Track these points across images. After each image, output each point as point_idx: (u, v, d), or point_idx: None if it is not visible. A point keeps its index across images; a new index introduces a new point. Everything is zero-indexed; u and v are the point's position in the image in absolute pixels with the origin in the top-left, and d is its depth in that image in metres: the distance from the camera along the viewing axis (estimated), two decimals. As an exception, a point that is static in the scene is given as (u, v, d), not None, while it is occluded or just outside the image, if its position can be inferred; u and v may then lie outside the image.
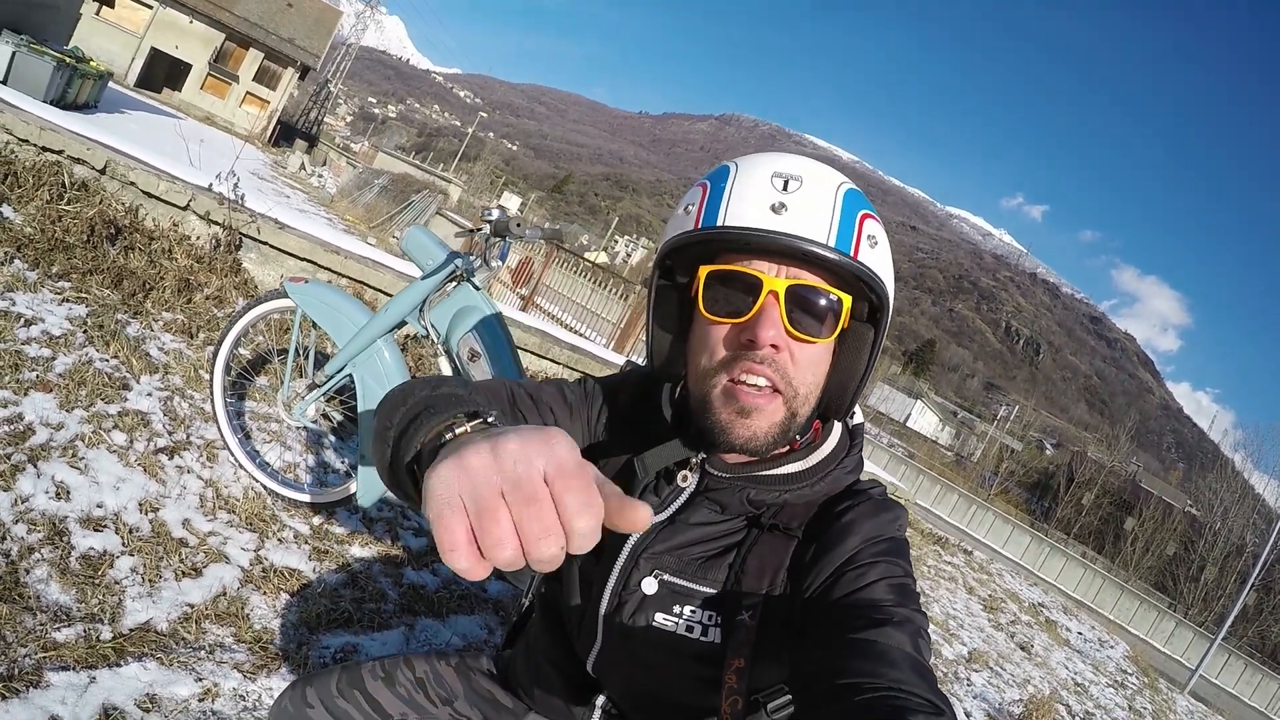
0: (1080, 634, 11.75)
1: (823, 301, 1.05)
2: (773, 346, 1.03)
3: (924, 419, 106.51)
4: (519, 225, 2.66)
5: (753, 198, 1.04)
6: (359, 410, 2.78)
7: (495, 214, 2.69)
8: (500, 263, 2.81)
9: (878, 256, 1.06)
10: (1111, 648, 12.12)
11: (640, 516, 0.62)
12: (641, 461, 1.18)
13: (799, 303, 1.04)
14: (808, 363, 1.06)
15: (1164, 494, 58.60)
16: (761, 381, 1.04)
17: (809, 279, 1.04)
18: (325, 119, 74.91)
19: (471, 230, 2.76)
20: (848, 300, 1.07)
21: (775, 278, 1.03)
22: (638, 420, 1.31)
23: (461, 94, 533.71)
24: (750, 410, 1.04)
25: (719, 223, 1.05)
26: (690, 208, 1.10)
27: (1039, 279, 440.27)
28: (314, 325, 3.01)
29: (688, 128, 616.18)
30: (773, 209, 1.02)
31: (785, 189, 1.03)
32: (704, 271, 1.08)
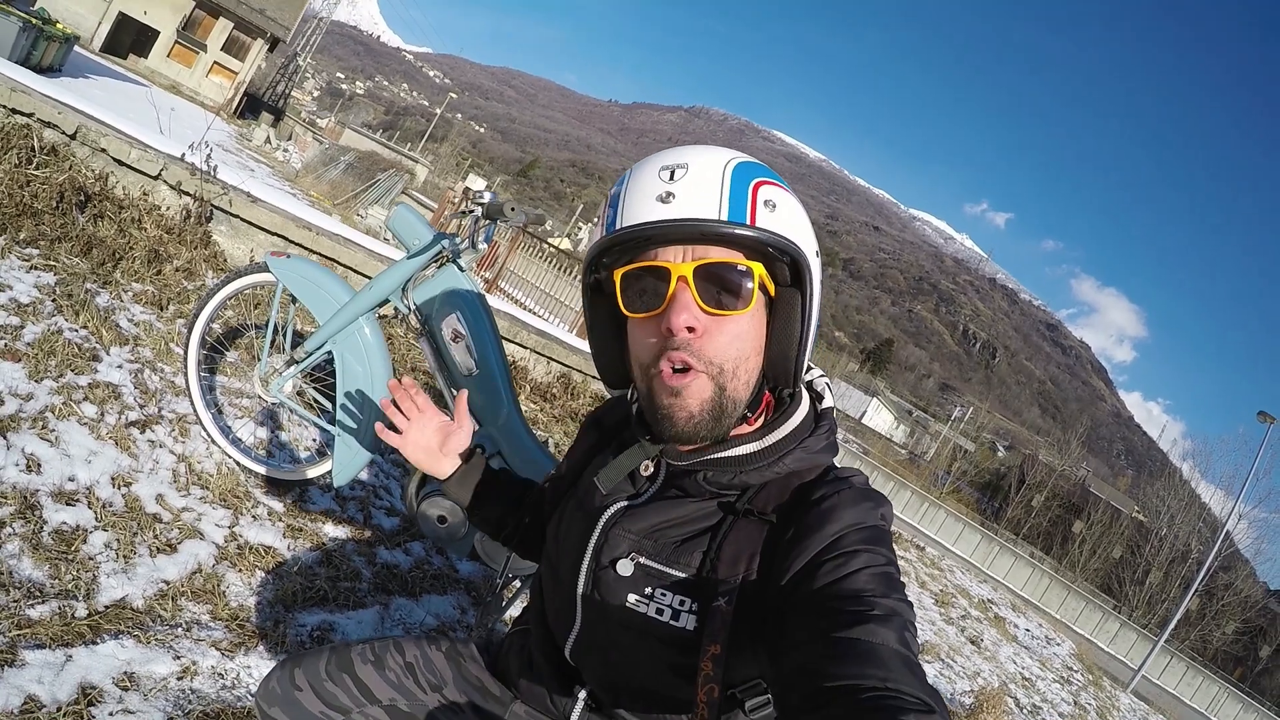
0: (1028, 630, 11.96)
1: (732, 274, 1.07)
2: (689, 329, 1.06)
3: (879, 416, 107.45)
4: (512, 209, 2.64)
5: (642, 194, 1.08)
6: (337, 388, 2.75)
7: (488, 196, 2.66)
8: (485, 245, 2.79)
9: (779, 218, 1.08)
10: (1058, 645, 12.36)
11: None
12: (598, 480, 1.22)
13: (709, 280, 1.06)
14: (731, 337, 1.08)
15: (1112, 499, 59.70)
16: (682, 366, 1.07)
17: (715, 256, 1.07)
18: (292, 93, 73.70)
19: (464, 212, 2.73)
20: (758, 268, 1.08)
21: (681, 263, 1.06)
22: (603, 426, 1.38)
23: (431, 74, 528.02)
24: (679, 390, 1.07)
25: (618, 225, 1.09)
26: (598, 220, 1.16)
27: (998, 284, 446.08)
28: (293, 300, 2.97)
29: (656, 118, 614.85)
30: (660, 199, 1.06)
31: (671, 179, 1.06)
32: (618, 274, 1.12)
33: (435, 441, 1.51)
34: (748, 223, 1.05)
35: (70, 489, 2.39)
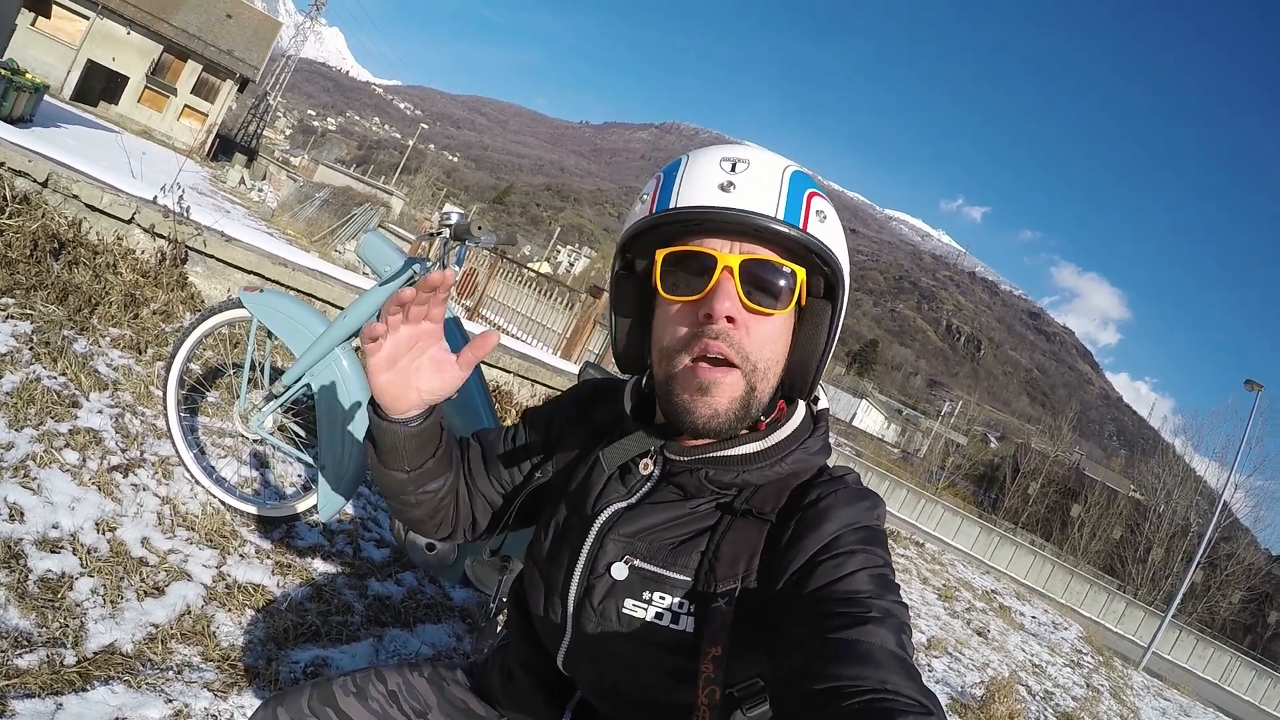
0: (1034, 618, 11.96)
1: (776, 274, 1.07)
2: (729, 320, 1.05)
3: (869, 418, 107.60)
4: (479, 228, 2.63)
5: (703, 180, 1.07)
6: (318, 421, 2.74)
7: (454, 218, 2.65)
8: (458, 267, 2.77)
9: (828, 230, 1.08)
10: (1065, 630, 12.36)
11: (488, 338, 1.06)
12: (603, 456, 1.19)
13: (753, 276, 1.06)
14: (765, 337, 1.08)
15: (1108, 480, 59.99)
16: (719, 357, 1.05)
17: (762, 253, 1.07)
18: (264, 132, 73.68)
19: (431, 234, 2.72)
20: (801, 273, 1.08)
21: (729, 254, 1.06)
22: (594, 423, 1.33)
23: (402, 106, 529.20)
24: (709, 386, 1.06)
25: (672, 205, 1.08)
26: (646, 197, 1.14)
27: (978, 277, 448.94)
28: (269, 335, 2.95)
29: (628, 136, 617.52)
30: (721, 188, 1.05)
31: (733, 170, 1.06)
32: (660, 254, 1.10)
33: (418, 366, 1.12)
34: (801, 226, 1.05)
35: (54, 536, 2.36)
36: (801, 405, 1.20)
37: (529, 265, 18.60)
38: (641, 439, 1.18)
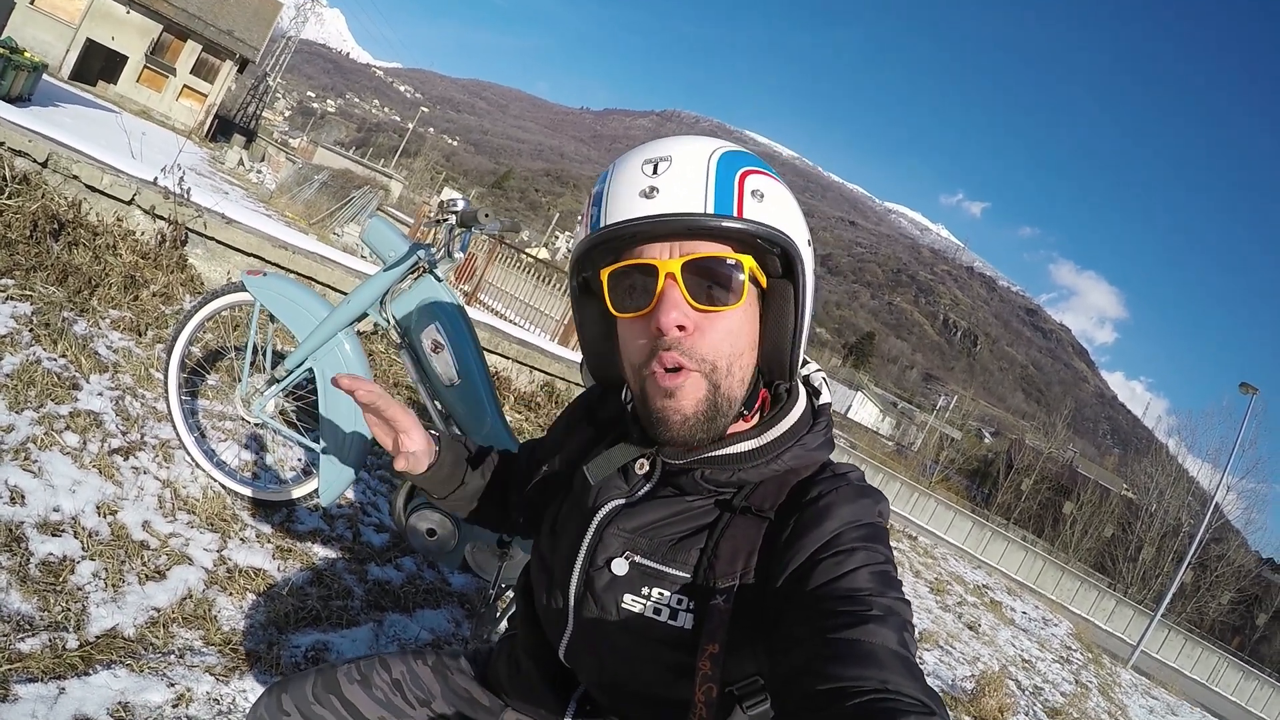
0: (1024, 613, 12.02)
1: (722, 268, 1.04)
2: (679, 328, 1.03)
3: (865, 410, 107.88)
4: (485, 215, 2.63)
5: (626, 190, 1.05)
6: (319, 405, 2.73)
7: (460, 204, 2.65)
8: (462, 254, 2.77)
9: (768, 209, 1.05)
10: (1055, 626, 12.43)
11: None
12: (587, 470, 1.19)
13: (698, 276, 1.03)
14: (723, 333, 1.05)
15: (1100, 478, 60.10)
16: (674, 366, 1.04)
17: (703, 250, 1.04)
18: (263, 113, 73.38)
19: (437, 220, 2.71)
20: (748, 260, 1.05)
21: (669, 259, 1.04)
22: (598, 420, 1.34)
23: (402, 89, 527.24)
24: (673, 391, 1.05)
25: (603, 223, 1.06)
26: (582, 217, 1.13)
27: (976, 272, 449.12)
28: (271, 319, 2.95)
29: (629, 123, 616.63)
30: (643, 194, 1.03)
31: (655, 172, 1.04)
32: (605, 274, 1.09)
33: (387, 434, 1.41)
34: (734, 214, 1.02)
35: (55, 519, 2.36)
36: (801, 400, 1.18)
37: (527, 251, 18.57)
38: (626, 450, 1.18)
